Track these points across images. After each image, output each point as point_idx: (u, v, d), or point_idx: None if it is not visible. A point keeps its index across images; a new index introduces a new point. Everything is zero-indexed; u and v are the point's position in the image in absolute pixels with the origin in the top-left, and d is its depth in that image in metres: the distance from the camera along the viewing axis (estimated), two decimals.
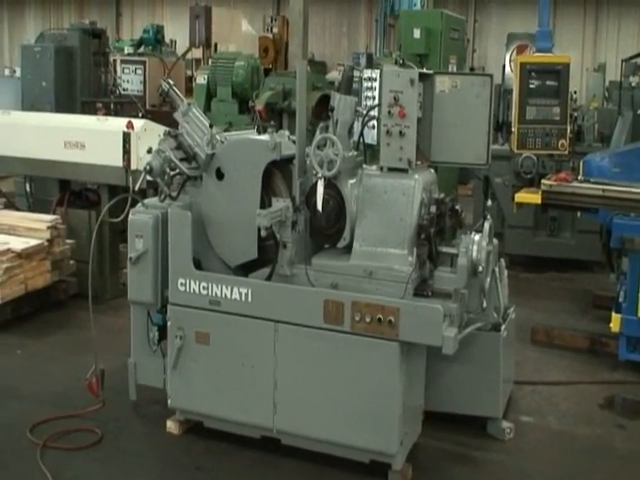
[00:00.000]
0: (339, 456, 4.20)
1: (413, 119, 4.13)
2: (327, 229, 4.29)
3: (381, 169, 4.25)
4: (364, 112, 4.47)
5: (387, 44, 14.40)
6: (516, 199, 6.21)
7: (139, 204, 4.56)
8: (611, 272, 6.66)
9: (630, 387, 5.61)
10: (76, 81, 8.39)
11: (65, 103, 8.29)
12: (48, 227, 6.53)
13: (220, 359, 4.35)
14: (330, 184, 4.19)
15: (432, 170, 4.48)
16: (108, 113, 8.46)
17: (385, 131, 4.15)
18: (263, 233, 4.08)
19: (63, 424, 4.62)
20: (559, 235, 8.72)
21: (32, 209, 7.78)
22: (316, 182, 4.20)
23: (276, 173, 4.31)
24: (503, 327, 4.63)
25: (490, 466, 4.46)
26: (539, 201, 6.03)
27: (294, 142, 4.30)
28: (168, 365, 4.49)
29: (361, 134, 4.47)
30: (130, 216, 4.50)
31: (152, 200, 4.59)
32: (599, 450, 4.69)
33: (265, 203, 4.26)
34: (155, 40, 11.89)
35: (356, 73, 6.91)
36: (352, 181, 4.25)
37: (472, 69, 14.65)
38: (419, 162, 4.28)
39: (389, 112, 4.12)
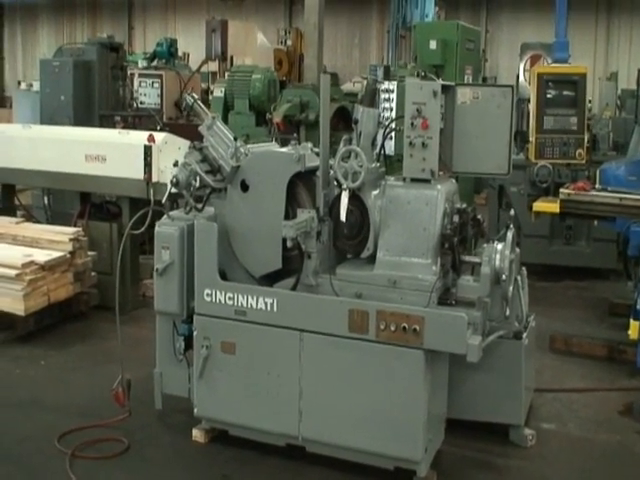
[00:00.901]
0: (364, 463, 4.25)
1: (436, 130, 4.20)
2: (351, 239, 4.35)
3: (404, 180, 4.31)
4: (385, 124, 4.53)
5: (399, 55, 14.49)
6: (534, 208, 6.24)
7: (164, 216, 4.63)
8: (628, 280, 6.67)
9: None
10: (94, 95, 8.47)
11: (83, 117, 8.37)
12: (70, 239, 6.59)
13: (246, 368, 4.40)
14: (354, 195, 4.25)
15: (454, 180, 4.54)
16: (126, 126, 8.56)
17: (408, 142, 4.21)
18: (289, 244, 4.14)
19: (90, 434, 4.67)
20: (575, 243, 8.75)
21: (50, 222, 7.88)
22: (340, 193, 4.27)
23: (300, 185, 4.38)
24: (524, 335, 4.66)
25: (513, 472, 4.50)
26: (557, 210, 6.07)
27: (317, 154, 4.38)
28: (194, 374, 4.55)
29: (382, 146, 4.54)
30: (156, 228, 4.56)
31: (177, 212, 4.67)
32: (619, 456, 4.73)
33: (289, 214, 4.33)
34: (169, 53, 11.99)
35: None
36: (375, 192, 4.31)
37: (485, 79, 14.70)
38: (441, 172, 4.34)
39: (412, 124, 4.18)
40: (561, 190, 6.08)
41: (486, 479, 4.41)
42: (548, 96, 6.07)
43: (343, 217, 4.25)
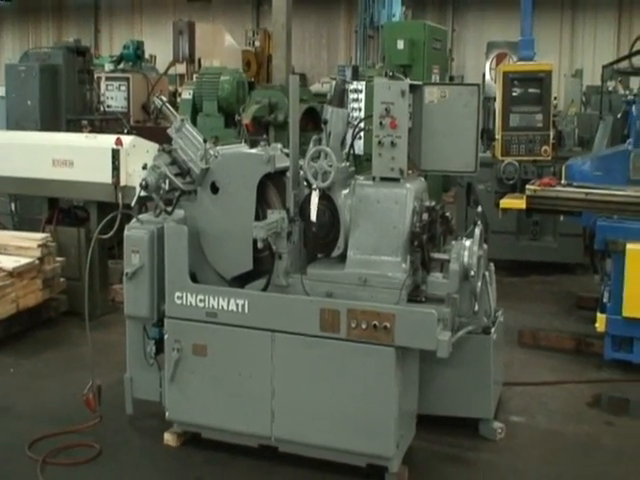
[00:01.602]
0: (336, 461, 4.27)
1: (404, 129, 4.22)
2: (321, 239, 4.36)
3: (373, 179, 4.33)
4: (354, 124, 4.55)
5: (367, 55, 14.56)
6: (501, 205, 6.32)
7: (134, 220, 4.61)
8: (595, 273, 6.77)
9: (616, 385, 5.73)
10: (61, 99, 8.39)
11: (50, 121, 8.29)
12: (39, 245, 6.53)
13: (217, 370, 4.40)
14: (324, 195, 4.27)
15: (422, 178, 4.58)
16: (93, 130, 8.49)
17: (377, 142, 4.23)
18: (260, 245, 4.13)
19: (61, 440, 4.63)
20: (542, 239, 8.86)
21: (17, 227, 7.79)
22: (310, 193, 4.28)
23: (270, 185, 4.38)
24: (493, 330, 4.72)
25: (483, 466, 4.55)
26: (524, 206, 6.15)
27: (286, 155, 4.38)
28: (165, 378, 4.52)
29: (351, 145, 4.56)
30: (126, 232, 4.54)
31: (147, 215, 4.65)
32: (588, 447, 4.79)
33: (259, 215, 4.33)
34: (135, 56, 11.91)
35: None
36: (345, 191, 4.33)
37: (451, 78, 14.82)
38: (410, 171, 4.37)
39: (381, 123, 4.21)
40: (527, 186, 6.17)
41: (457, 472, 4.46)
42: (514, 94, 6.14)
43: (313, 217, 4.26)
